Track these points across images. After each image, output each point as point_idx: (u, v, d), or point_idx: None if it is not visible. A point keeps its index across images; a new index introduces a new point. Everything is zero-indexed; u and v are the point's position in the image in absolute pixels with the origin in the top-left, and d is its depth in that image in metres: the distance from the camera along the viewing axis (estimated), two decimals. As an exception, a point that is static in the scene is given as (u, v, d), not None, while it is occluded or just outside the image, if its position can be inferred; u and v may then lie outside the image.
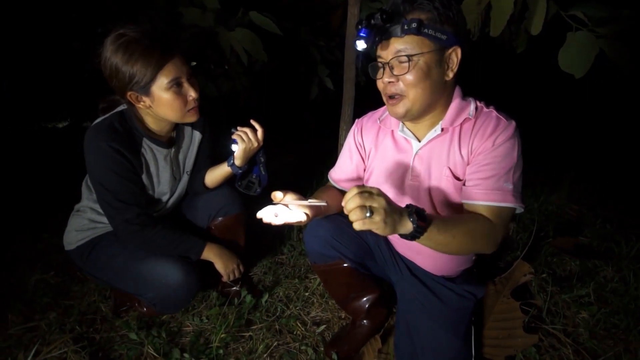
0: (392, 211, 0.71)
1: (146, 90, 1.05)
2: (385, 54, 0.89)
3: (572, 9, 1.30)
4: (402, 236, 0.76)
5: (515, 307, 1.14)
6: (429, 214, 0.78)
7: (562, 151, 3.21)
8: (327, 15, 2.49)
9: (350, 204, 0.69)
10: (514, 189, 0.89)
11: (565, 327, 1.22)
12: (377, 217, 0.68)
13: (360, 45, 0.89)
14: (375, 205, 0.69)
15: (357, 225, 0.69)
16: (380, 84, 0.95)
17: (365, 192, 0.70)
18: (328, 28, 2.58)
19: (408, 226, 0.74)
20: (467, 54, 0.92)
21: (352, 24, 1.72)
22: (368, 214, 0.68)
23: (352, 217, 0.69)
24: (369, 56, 0.97)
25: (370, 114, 1.16)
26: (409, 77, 0.88)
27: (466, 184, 0.93)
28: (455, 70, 0.90)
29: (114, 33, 1.02)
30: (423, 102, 0.91)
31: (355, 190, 0.70)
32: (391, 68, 0.89)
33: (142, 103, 1.09)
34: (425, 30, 0.84)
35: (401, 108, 0.92)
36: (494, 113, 0.94)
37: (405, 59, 0.86)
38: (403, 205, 0.78)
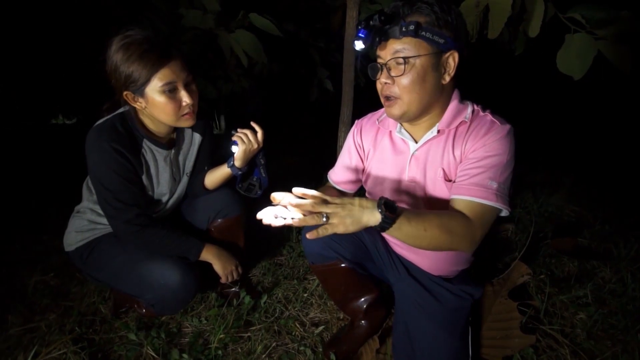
0: (352, 208, 0.75)
1: (141, 91, 1.07)
2: (384, 54, 0.91)
3: (570, 11, 1.30)
4: (374, 228, 0.78)
5: (512, 308, 1.14)
6: (401, 207, 0.80)
7: (562, 153, 3.21)
8: (326, 18, 2.51)
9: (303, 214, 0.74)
10: (499, 188, 0.88)
11: (562, 327, 1.23)
12: (335, 220, 0.73)
13: (358, 45, 0.91)
14: (327, 210, 0.73)
15: (315, 234, 0.73)
16: (378, 85, 0.96)
17: (317, 199, 0.75)
18: (327, 30, 2.59)
19: (377, 217, 0.76)
20: (468, 59, 0.93)
21: (351, 26, 1.73)
22: (324, 219, 0.73)
23: (309, 222, 0.73)
24: (369, 58, 0.99)
25: (369, 115, 1.17)
26: (405, 79, 0.89)
27: (455, 181, 0.94)
28: (452, 74, 0.91)
29: (121, 34, 1.06)
30: (418, 104, 0.92)
31: (308, 202, 0.74)
32: (388, 69, 0.91)
33: (137, 103, 1.11)
34: (423, 33, 0.86)
35: (397, 110, 0.94)
36: (489, 117, 0.95)
37: (401, 60, 0.88)
38: (401, 203, 0.78)
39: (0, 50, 2.76)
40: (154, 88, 1.06)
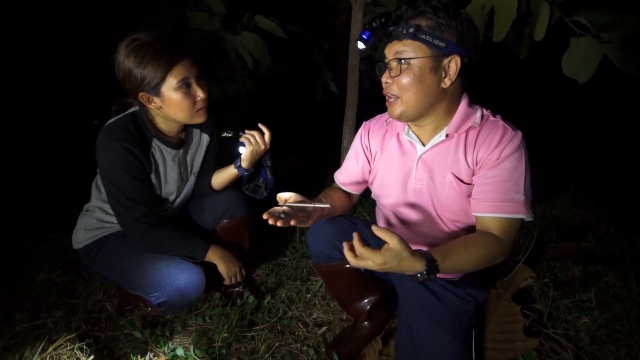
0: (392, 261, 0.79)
1: (156, 91, 1.09)
2: (388, 54, 0.94)
3: (576, 15, 1.30)
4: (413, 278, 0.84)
5: (516, 311, 1.14)
6: (437, 256, 0.83)
7: (566, 156, 3.20)
8: (331, 19, 2.51)
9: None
10: (526, 199, 0.91)
11: (566, 331, 1.22)
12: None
13: (360, 45, 0.96)
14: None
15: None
16: (383, 84, 0.97)
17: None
18: (332, 32, 2.60)
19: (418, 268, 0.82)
20: (475, 65, 0.94)
21: (356, 28, 1.74)
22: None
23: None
24: (374, 61, 1.02)
25: (378, 117, 1.18)
26: (402, 79, 0.91)
27: (475, 195, 0.95)
28: (453, 78, 0.92)
29: (127, 38, 1.08)
30: (416, 106, 0.93)
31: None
32: (389, 69, 0.93)
33: (153, 104, 1.12)
34: (423, 36, 0.88)
35: (396, 109, 0.96)
36: (500, 122, 0.95)
37: (400, 61, 0.90)
38: (407, 206, 0.79)
39: (0, 50, 2.79)
40: (170, 86, 1.09)
